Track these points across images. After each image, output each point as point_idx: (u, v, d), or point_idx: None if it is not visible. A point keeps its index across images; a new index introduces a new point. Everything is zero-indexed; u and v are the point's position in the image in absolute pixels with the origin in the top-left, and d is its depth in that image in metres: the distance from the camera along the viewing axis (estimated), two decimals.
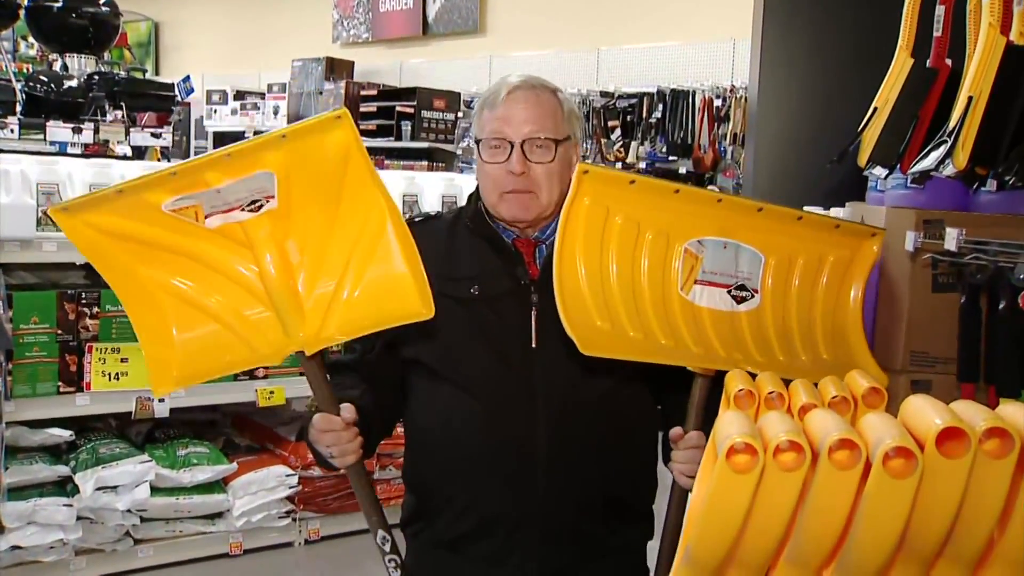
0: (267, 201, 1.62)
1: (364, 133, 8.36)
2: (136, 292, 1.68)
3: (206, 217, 1.62)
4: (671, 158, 6.70)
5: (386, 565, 1.75)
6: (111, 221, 1.62)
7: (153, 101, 5.66)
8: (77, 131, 4.91)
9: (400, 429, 1.95)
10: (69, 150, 4.87)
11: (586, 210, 1.61)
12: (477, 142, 1.79)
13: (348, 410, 1.68)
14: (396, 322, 1.66)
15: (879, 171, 1.90)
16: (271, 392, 4.06)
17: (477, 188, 1.86)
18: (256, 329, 1.68)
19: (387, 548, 1.73)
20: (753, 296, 1.66)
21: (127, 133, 5.23)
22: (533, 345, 1.73)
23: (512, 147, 1.73)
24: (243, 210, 1.62)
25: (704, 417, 1.66)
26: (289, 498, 4.15)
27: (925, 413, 1.05)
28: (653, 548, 1.77)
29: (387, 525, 1.75)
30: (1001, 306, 1.60)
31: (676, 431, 1.68)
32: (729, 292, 1.65)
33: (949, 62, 1.85)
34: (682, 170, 6.66)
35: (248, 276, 1.67)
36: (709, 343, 1.64)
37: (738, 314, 1.66)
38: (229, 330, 1.69)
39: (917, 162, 1.76)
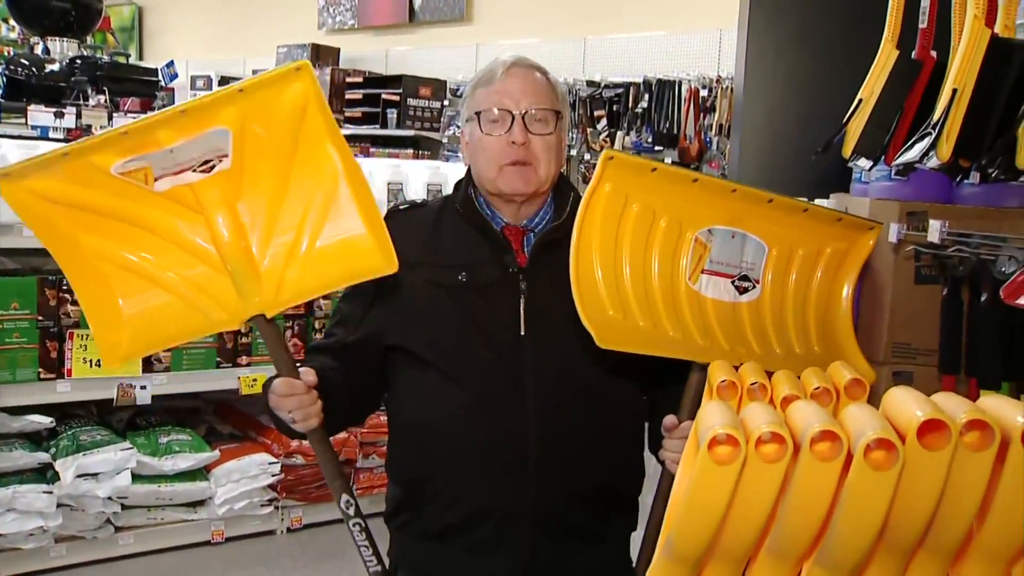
0: (219, 161, 1.57)
1: (349, 120, 8.37)
2: (79, 262, 1.63)
3: (156, 180, 1.57)
4: (657, 148, 6.70)
5: (350, 529, 1.72)
6: (55, 186, 1.56)
7: (136, 86, 5.62)
8: (59, 115, 4.86)
9: (383, 418, 1.94)
10: (51, 135, 4.82)
11: (606, 197, 1.60)
12: (477, 115, 1.76)
13: (308, 373, 1.66)
14: (357, 279, 1.64)
15: (864, 162, 1.90)
16: (254, 380, 4.05)
17: (466, 176, 1.85)
18: (209, 295, 1.64)
19: (351, 512, 1.71)
20: (755, 287, 1.67)
21: (110, 118, 5.19)
22: (522, 333, 1.72)
23: (513, 118, 1.73)
24: (194, 171, 1.57)
25: (699, 407, 1.66)
26: (271, 486, 4.14)
27: (907, 405, 1.06)
28: (636, 538, 1.78)
29: (351, 490, 1.73)
30: (983, 298, 1.60)
31: (670, 420, 1.68)
32: (733, 282, 1.66)
33: (934, 54, 1.85)
34: (668, 160, 6.67)
35: (199, 241, 1.62)
36: (713, 335, 1.64)
37: (740, 305, 1.67)
38: (180, 298, 1.64)
39: (901, 154, 1.76)
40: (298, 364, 1.70)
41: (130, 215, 1.60)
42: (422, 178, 4.49)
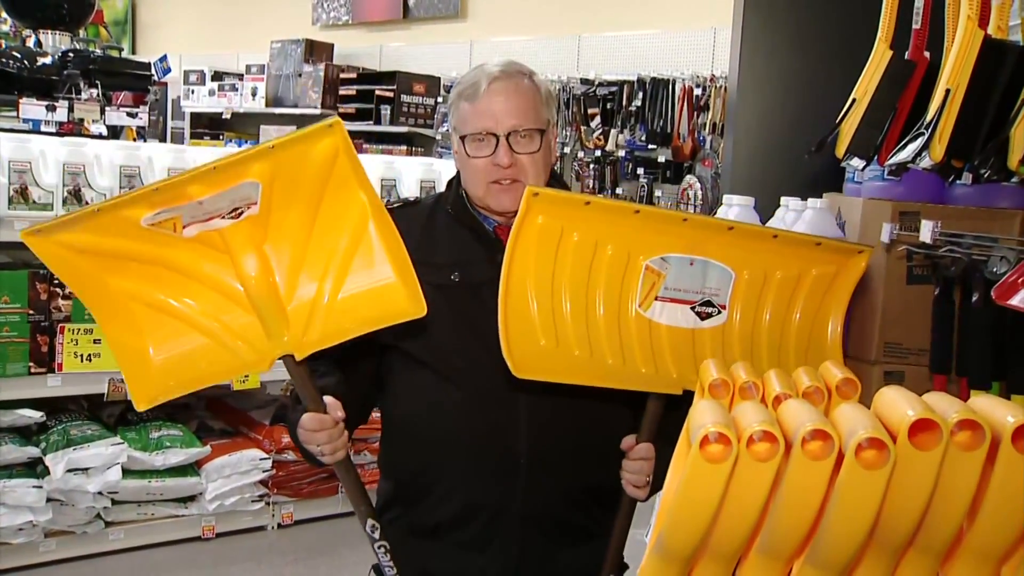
0: (248, 208, 1.58)
1: (343, 116, 8.34)
2: (109, 306, 1.64)
3: (184, 227, 1.58)
4: (650, 147, 6.69)
5: (375, 551, 1.74)
6: (84, 239, 1.58)
7: (129, 80, 5.58)
8: (51, 109, 4.84)
9: (376, 415, 1.94)
10: (43, 128, 4.80)
11: (539, 228, 1.57)
12: (462, 139, 1.76)
13: (335, 407, 1.67)
14: (386, 323, 1.63)
15: (856, 162, 1.90)
16: (245, 376, 4.04)
17: (458, 174, 1.85)
18: (238, 335, 1.65)
19: (376, 536, 1.73)
20: (720, 312, 1.63)
21: (102, 112, 5.16)
22: None
23: (498, 140, 1.72)
24: (223, 217, 1.58)
25: (656, 431, 1.68)
26: (263, 482, 4.14)
27: (898, 405, 1.06)
28: (632, 537, 1.78)
29: (375, 513, 1.75)
30: (974, 299, 1.60)
31: (628, 440, 1.70)
32: (693, 308, 1.62)
33: (928, 55, 1.85)
34: (661, 159, 6.67)
35: (227, 282, 1.63)
36: (663, 362, 1.61)
37: (701, 331, 1.63)
38: (210, 338, 1.65)
39: (894, 154, 1.76)
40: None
41: (158, 258, 1.61)
42: (415, 174, 4.49)
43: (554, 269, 1.58)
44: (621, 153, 6.91)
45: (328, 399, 1.67)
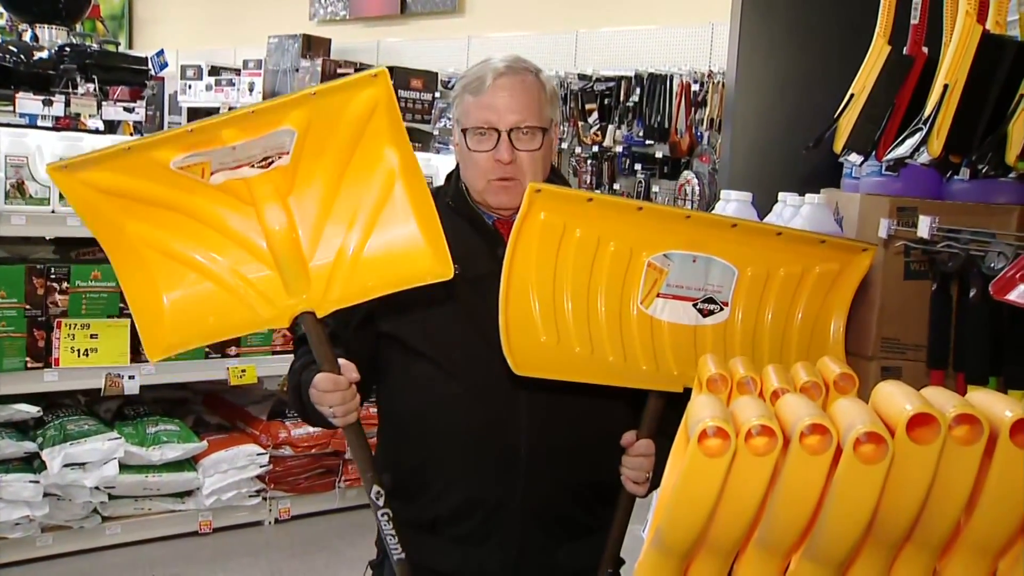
0: (279, 158, 1.54)
1: None
2: (125, 251, 1.60)
3: (212, 173, 1.54)
4: (648, 142, 6.68)
5: (378, 518, 1.72)
6: (110, 178, 1.53)
7: (126, 75, 5.57)
8: (48, 103, 4.83)
9: (373, 409, 1.94)
10: (39, 123, 4.79)
11: (541, 225, 1.56)
12: (464, 131, 1.76)
13: (350, 368, 1.65)
14: (410, 283, 1.61)
15: (854, 158, 1.90)
16: (243, 371, 4.04)
17: (457, 168, 1.85)
18: (258, 290, 1.61)
19: (380, 503, 1.70)
20: (722, 309, 1.63)
21: (99, 107, 5.15)
22: None
23: (499, 135, 1.72)
24: (253, 166, 1.54)
25: (656, 428, 1.68)
26: (259, 477, 4.14)
27: (896, 399, 1.06)
28: (630, 532, 1.78)
29: (381, 480, 1.72)
30: (971, 294, 1.60)
31: (628, 436, 1.70)
32: (695, 305, 1.62)
33: (926, 50, 1.85)
34: (658, 154, 6.66)
35: (249, 234, 1.60)
36: (664, 360, 1.61)
37: (703, 328, 1.63)
38: (227, 291, 1.61)
39: (892, 149, 1.76)
40: (298, 352, 1.69)
41: (181, 204, 1.57)
42: None
43: (556, 266, 1.58)
44: (618, 149, 6.90)
45: (343, 361, 1.65)
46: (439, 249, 1.59)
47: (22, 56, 5.15)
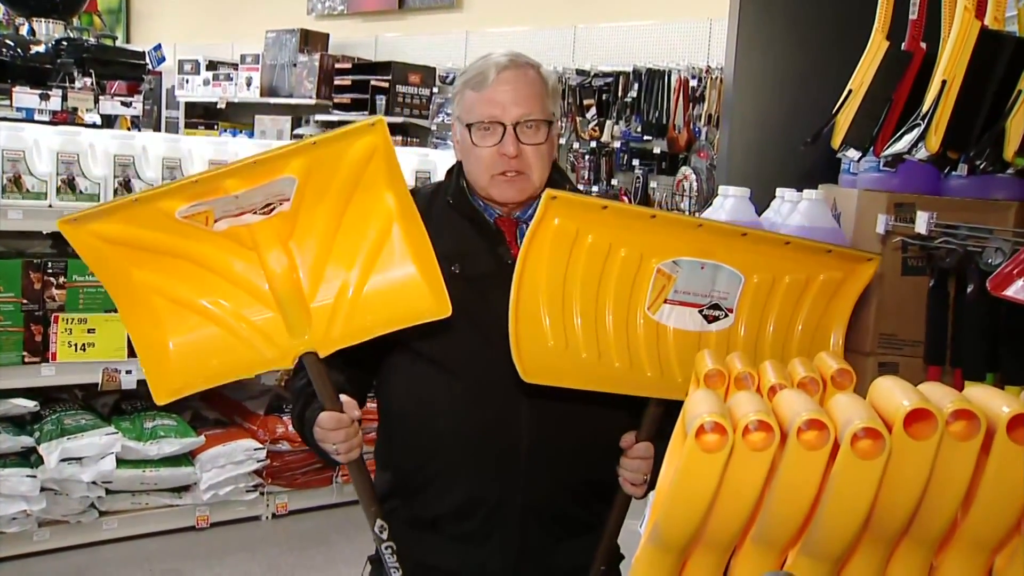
0: (280, 204, 1.59)
1: (338, 107, 8.33)
2: (132, 298, 1.64)
3: (215, 221, 1.59)
4: (646, 138, 6.68)
5: (382, 552, 1.74)
6: (118, 229, 1.59)
7: (123, 69, 5.56)
8: (44, 98, 4.83)
9: (371, 405, 1.94)
10: (36, 117, 4.79)
11: (554, 230, 1.57)
12: (468, 127, 1.76)
13: (352, 406, 1.68)
14: (409, 322, 1.64)
15: (852, 153, 1.90)
16: None
17: (458, 163, 1.84)
18: (261, 332, 1.66)
19: (384, 536, 1.73)
20: (727, 316, 1.64)
21: (96, 101, 5.15)
22: None
23: (504, 129, 1.72)
24: (255, 213, 1.59)
25: (656, 431, 1.68)
26: (257, 472, 4.14)
27: (893, 395, 1.06)
28: (625, 528, 1.79)
29: (384, 515, 1.75)
30: (969, 290, 1.60)
31: (628, 438, 1.71)
32: (701, 312, 1.63)
33: (924, 45, 1.85)
34: (656, 150, 6.66)
35: (252, 278, 1.64)
36: (668, 367, 1.62)
37: (707, 334, 1.63)
38: (232, 334, 1.66)
39: (890, 145, 1.76)
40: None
41: (185, 251, 1.62)
42: (411, 165, 4.49)
43: (566, 271, 1.59)
44: (616, 144, 6.90)
45: (345, 398, 1.67)
46: (437, 288, 1.63)
47: (19, 50, 5.14)
